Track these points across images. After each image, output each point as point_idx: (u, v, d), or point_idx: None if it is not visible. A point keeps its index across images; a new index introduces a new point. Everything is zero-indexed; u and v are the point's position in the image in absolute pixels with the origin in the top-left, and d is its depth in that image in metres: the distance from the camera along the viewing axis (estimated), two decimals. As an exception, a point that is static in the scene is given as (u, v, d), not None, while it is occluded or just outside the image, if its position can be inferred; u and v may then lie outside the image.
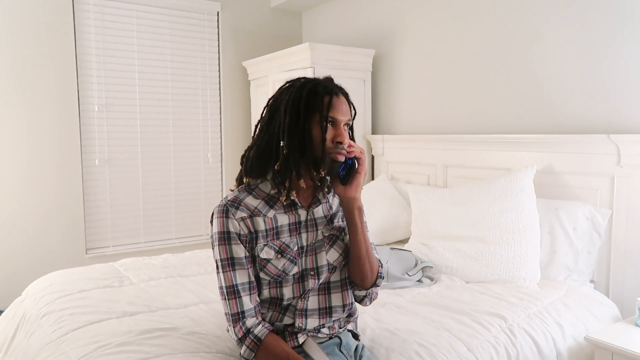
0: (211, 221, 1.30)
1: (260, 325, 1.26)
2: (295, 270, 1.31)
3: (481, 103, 2.80)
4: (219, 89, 3.88)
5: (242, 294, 1.25)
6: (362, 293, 1.42)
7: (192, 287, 2.07)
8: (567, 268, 2.15)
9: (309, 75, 3.02)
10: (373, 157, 3.49)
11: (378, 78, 3.50)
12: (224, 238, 1.26)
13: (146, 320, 1.69)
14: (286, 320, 1.34)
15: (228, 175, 3.90)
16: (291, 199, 1.30)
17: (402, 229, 2.78)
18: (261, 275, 1.30)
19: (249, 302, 1.26)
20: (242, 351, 1.25)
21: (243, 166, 1.35)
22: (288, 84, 1.33)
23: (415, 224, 2.57)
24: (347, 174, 1.30)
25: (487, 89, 2.77)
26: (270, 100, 1.34)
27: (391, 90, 3.41)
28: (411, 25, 3.22)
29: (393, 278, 2.15)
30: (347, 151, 1.29)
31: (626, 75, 2.17)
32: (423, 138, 3.05)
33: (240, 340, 1.25)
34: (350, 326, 1.46)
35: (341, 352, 1.37)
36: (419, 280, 2.19)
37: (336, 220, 1.40)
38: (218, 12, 3.83)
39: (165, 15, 3.60)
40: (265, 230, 1.28)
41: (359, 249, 1.33)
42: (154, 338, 1.53)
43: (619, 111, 2.20)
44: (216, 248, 1.27)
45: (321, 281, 1.35)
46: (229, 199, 1.29)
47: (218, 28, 3.84)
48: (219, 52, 3.86)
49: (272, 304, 1.34)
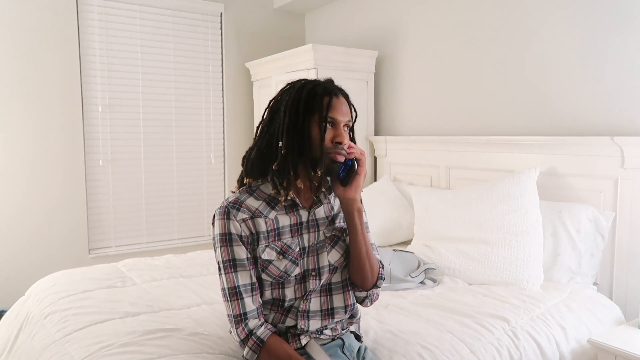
0: (213, 223, 1.30)
1: (263, 327, 1.26)
2: (297, 271, 1.31)
3: (484, 104, 2.80)
4: (222, 90, 3.88)
5: (244, 295, 1.26)
6: (363, 294, 1.42)
7: (195, 288, 2.07)
8: (570, 270, 2.14)
9: (311, 76, 3.03)
10: (376, 159, 3.49)
11: (381, 79, 3.50)
12: (226, 239, 1.26)
13: (149, 320, 1.69)
14: (288, 322, 1.34)
15: (230, 176, 3.91)
16: (292, 200, 1.31)
17: (405, 231, 2.78)
18: (263, 276, 1.30)
19: (251, 304, 1.26)
20: (245, 353, 1.25)
21: (244, 167, 1.35)
22: (289, 85, 1.34)
23: (418, 226, 2.56)
24: (347, 175, 1.30)
25: (490, 91, 2.76)
26: (271, 101, 1.35)
27: (394, 92, 3.41)
28: (414, 27, 3.22)
29: (396, 280, 2.15)
30: (347, 152, 1.29)
31: (630, 76, 2.16)
32: (426, 139, 3.05)
33: (243, 341, 1.25)
34: (353, 328, 1.46)
35: (344, 354, 1.36)
36: (421, 282, 2.19)
37: (337, 221, 1.40)
38: (221, 13, 3.83)
39: (169, 16, 3.61)
40: (267, 231, 1.29)
41: (359, 250, 1.33)
42: (157, 339, 1.53)
43: (623, 113, 2.19)
44: (218, 250, 1.27)
45: (322, 282, 1.35)
46: (230, 200, 1.30)
47: (221, 29, 3.85)
48: (222, 53, 3.86)
49: (275, 306, 1.34)
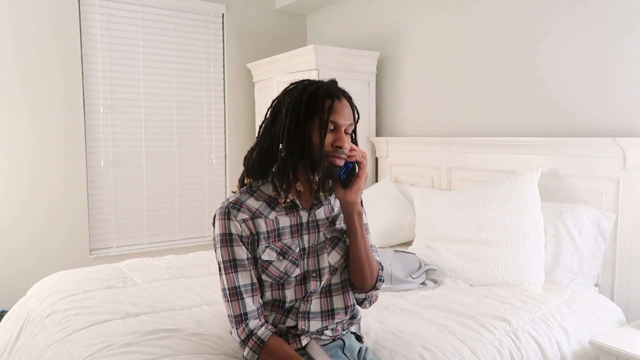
0: (213, 223, 1.30)
1: (263, 327, 1.26)
2: (297, 272, 1.31)
3: (486, 105, 2.80)
4: (224, 91, 3.89)
5: (245, 295, 1.25)
6: (362, 296, 1.41)
7: (196, 289, 2.07)
8: (572, 271, 2.14)
9: (313, 77, 3.03)
10: (377, 160, 3.48)
11: (382, 80, 3.50)
12: (226, 240, 1.26)
13: (150, 321, 1.69)
14: (289, 322, 1.33)
15: (232, 177, 3.91)
16: (292, 201, 1.31)
17: (406, 231, 2.78)
18: (263, 277, 1.30)
19: (251, 304, 1.26)
20: (245, 353, 1.25)
21: (245, 167, 1.35)
22: (292, 85, 1.34)
23: (419, 227, 2.56)
24: (348, 177, 1.30)
25: (492, 92, 2.76)
26: (274, 101, 1.35)
27: (395, 93, 3.41)
28: (416, 28, 3.22)
29: (397, 280, 2.14)
30: (348, 155, 1.29)
31: (631, 77, 2.16)
32: (427, 140, 3.05)
33: (243, 342, 1.25)
34: (353, 328, 1.46)
35: (344, 355, 1.36)
36: (422, 283, 2.18)
37: (338, 222, 1.39)
38: (223, 14, 3.84)
39: (171, 17, 3.61)
40: (267, 231, 1.28)
41: (359, 252, 1.33)
42: (158, 339, 1.53)
43: (625, 114, 2.19)
44: (218, 250, 1.27)
45: (323, 283, 1.35)
46: (230, 200, 1.30)
47: (223, 30, 3.85)
48: (223, 54, 3.87)
49: (275, 306, 1.34)
